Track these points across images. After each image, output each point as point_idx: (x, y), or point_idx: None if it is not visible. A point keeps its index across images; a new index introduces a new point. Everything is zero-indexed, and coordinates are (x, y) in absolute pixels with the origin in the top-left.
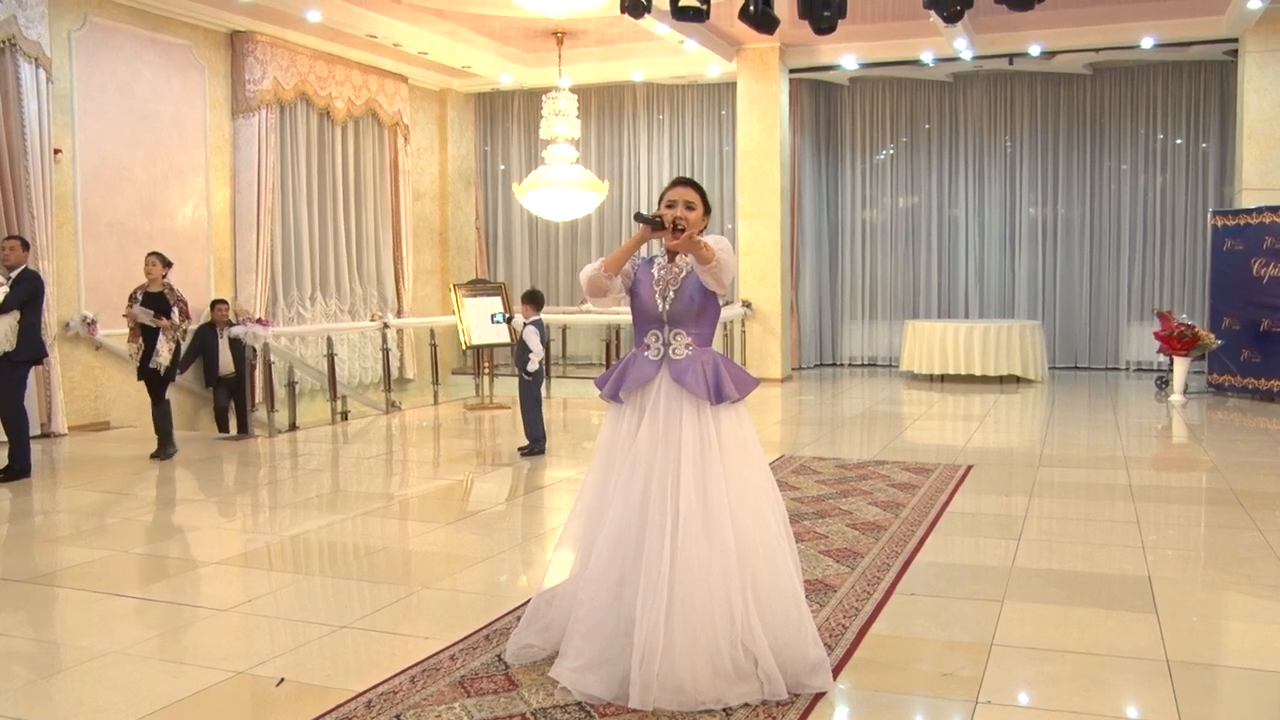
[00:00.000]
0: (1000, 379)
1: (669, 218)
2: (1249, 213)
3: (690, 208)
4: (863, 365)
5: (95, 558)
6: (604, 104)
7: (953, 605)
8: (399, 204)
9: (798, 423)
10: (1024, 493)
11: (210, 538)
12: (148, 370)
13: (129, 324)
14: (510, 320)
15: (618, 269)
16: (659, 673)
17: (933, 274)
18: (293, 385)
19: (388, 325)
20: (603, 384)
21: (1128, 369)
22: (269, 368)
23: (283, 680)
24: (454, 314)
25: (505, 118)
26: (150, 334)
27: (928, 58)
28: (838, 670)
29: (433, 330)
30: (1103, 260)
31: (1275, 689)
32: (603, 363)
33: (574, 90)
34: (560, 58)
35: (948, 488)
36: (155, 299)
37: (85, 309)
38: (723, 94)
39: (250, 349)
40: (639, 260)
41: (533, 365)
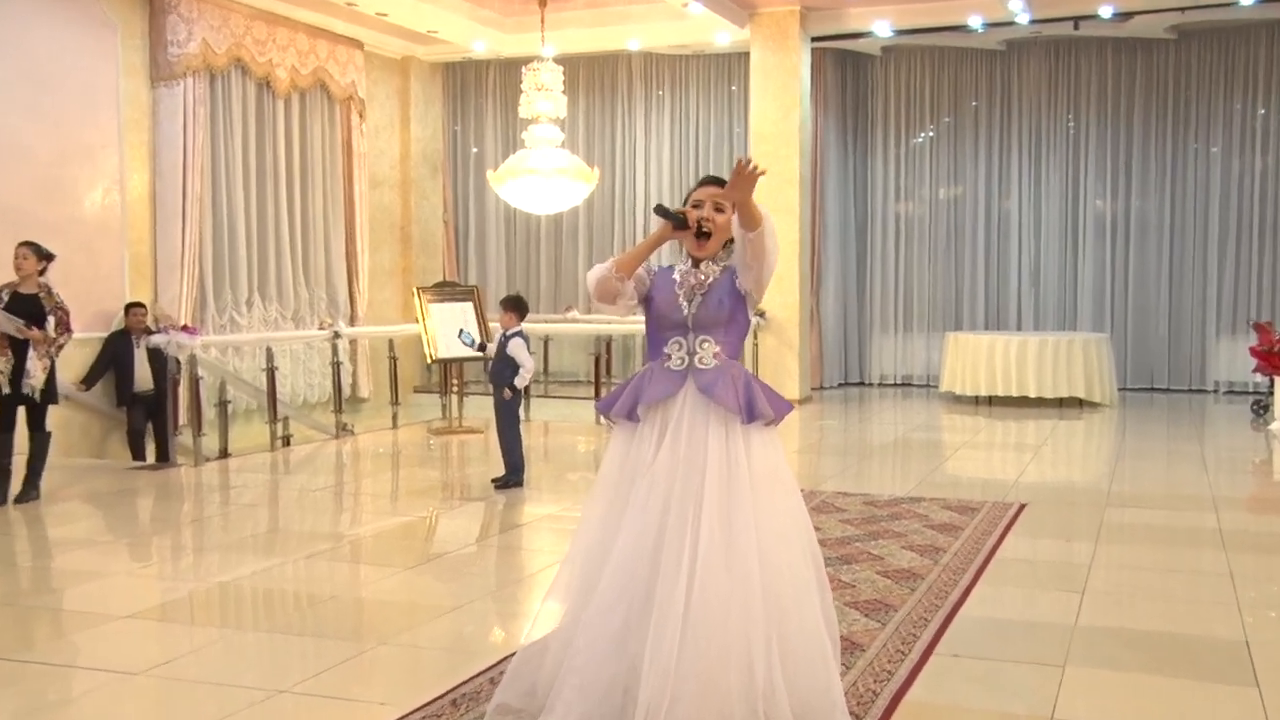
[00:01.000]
0: (1060, 402)
1: (694, 218)
2: None
3: (720, 210)
4: (895, 385)
5: None
6: (594, 78)
7: (1004, 670)
8: (353, 192)
9: (818, 451)
10: (1088, 537)
11: (120, 587)
12: (19, 395)
13: None
14: (484, 349)
15: (631, 271)
16: None
17: (979, 278)
18: (224, 404)
19: (339, 335)
20: (609, 406)
21: (1216, 391)
22: (196, 384)
23: None
24: (417, 322)
25: (479, 92)
26: (20, 347)
27: (976, 22)
28: None
29: (392, 341)
30: (1185, 261)
31: None
32: (590, 379)
33: (559, 61)
34: (543, 22)
35: (997, 529)
36: (26, 302)
37: None
38: (733, 66)
39: (173, 361)
40: (655, 267)
41: (524, 380)
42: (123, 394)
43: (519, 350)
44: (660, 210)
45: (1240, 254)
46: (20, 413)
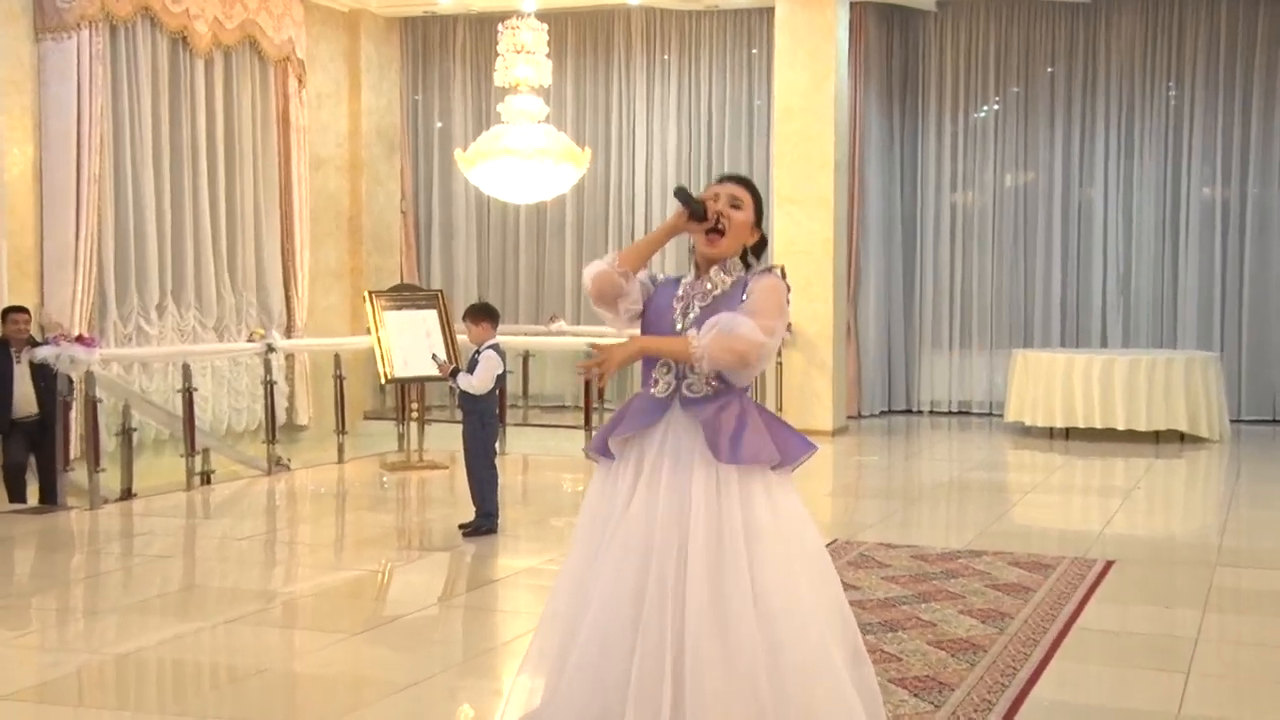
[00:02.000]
0: (1156, 436)
1: (714, 210)
2: None
3: (737, 206)
4: (950, 413)
5: None
6: (586, 38)
7: None
8: (290, 175)
9: (856, 494)
10: (1193, 604)
11: None
12: None
13: None
14: (456, 375)
15: (637, 265)
16: None
17: (1055, 282)
18: (128, 433)
19: (272, 348)
20: (594, 448)
21: None
22: (93, 407)
23: None
24: (369, 334)
25: (444, 55)
26: None
27: None
28: None
29: (338, 357)
30: None
31: None
32: (579, 404)
33: (543, 17)
34: None
35: (1077, 592)
36: None
37: None
38: (755, 25)
39: (64, 380)
40: (661, 276)
41: (466, 381)
42: None
43: (481, 364)
44: (681, 194)
45: None
46: None
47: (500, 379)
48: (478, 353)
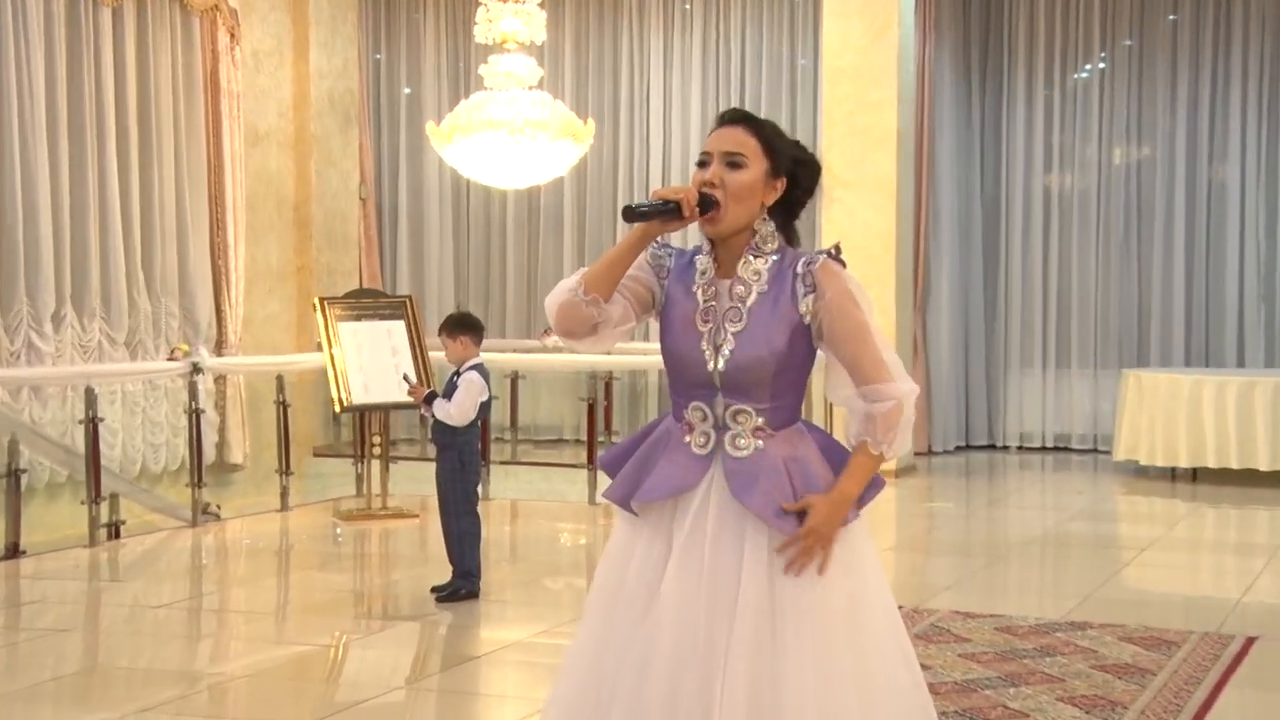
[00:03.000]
0: None
1: (688, 195)
2: None
3: (735, 164)
4: (1044, 449)
5: None
6: None
7: None
8: (221, 153)
9: (926, 550)
10: None
11: None
12: None
13: None
14: (431, 402)
15: (609, 288)
16: None
17: (1176, 286)
18: (15, 475)
19: (199, 369)
20: (613, 466)
21: None
22: None
23: None
24: (320, 350)
25: (413, 4)
26: None
27: None
28: None
29: (281, 379)
30: None
31: None
32: (581, 437)
33: None
34: None
35: (1208, 677)
36: None
37: None
38: None
39: None
40: (672, 249)
41: (442, 410)
42: None
43: (463, 389)
44: (631, 212)
45: None
46: None
47: (484, 407)
48: (457, 375)
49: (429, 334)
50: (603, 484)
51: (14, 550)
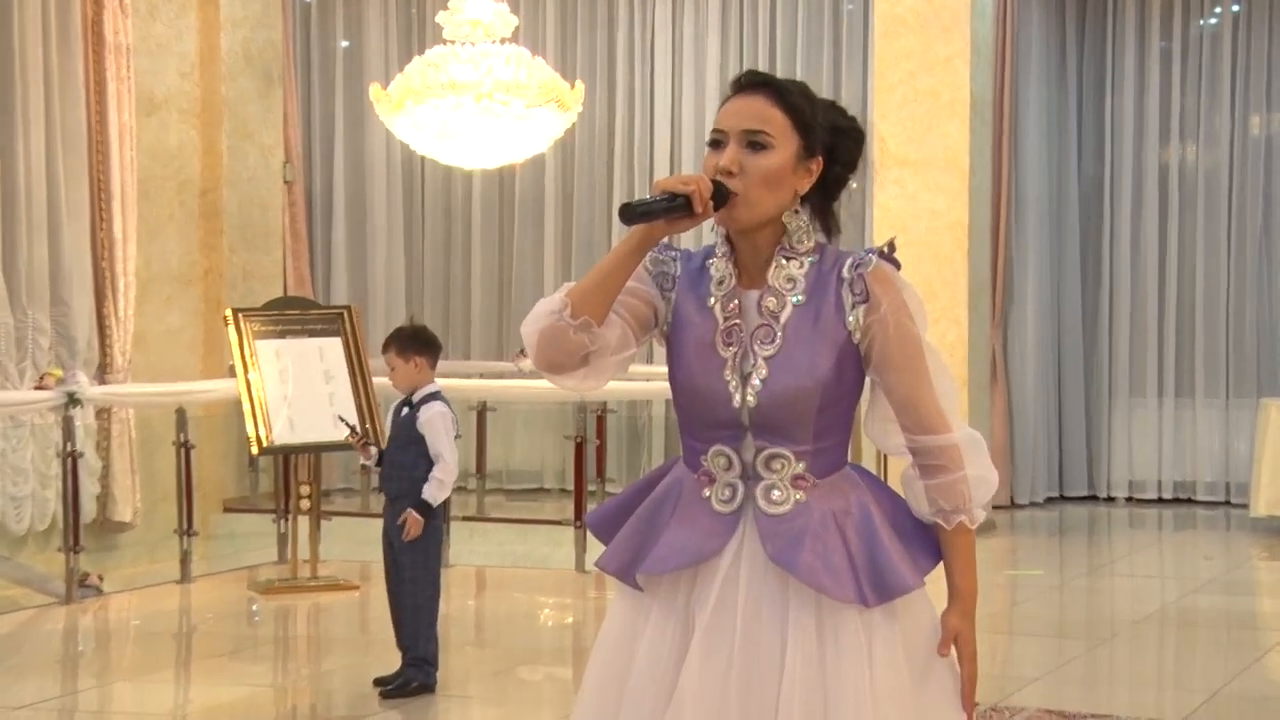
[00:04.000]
0: None
1: (700, 185)
2: None
3: (758, 145)
4: (1160, 501)
5: None
6: None
7: None
8: (105, 124)
9: (1009, 630)
10: None
11: None
12: None
13: None
14: (365, 443)
15: (600, 309)
16: None
17: None
18: None
19: (76, 400)
20: (607, 527)
21: None
22: None
23: None
24: (234, 375)
25: None
26: None
27: None
28: None
29: (182, 413)
30: None
31: None
32: (564, 485)
33: None
34: None
35: None
36: None
37: None
38: None
39: None
40: (678, 250)
41: (444, 486)
42: None
43: (437, 429)
44: (627, 211)
45: None
46: None
47: None
48: (409, 405)
49: (373, 354)
50: (594, 546)
51: None
